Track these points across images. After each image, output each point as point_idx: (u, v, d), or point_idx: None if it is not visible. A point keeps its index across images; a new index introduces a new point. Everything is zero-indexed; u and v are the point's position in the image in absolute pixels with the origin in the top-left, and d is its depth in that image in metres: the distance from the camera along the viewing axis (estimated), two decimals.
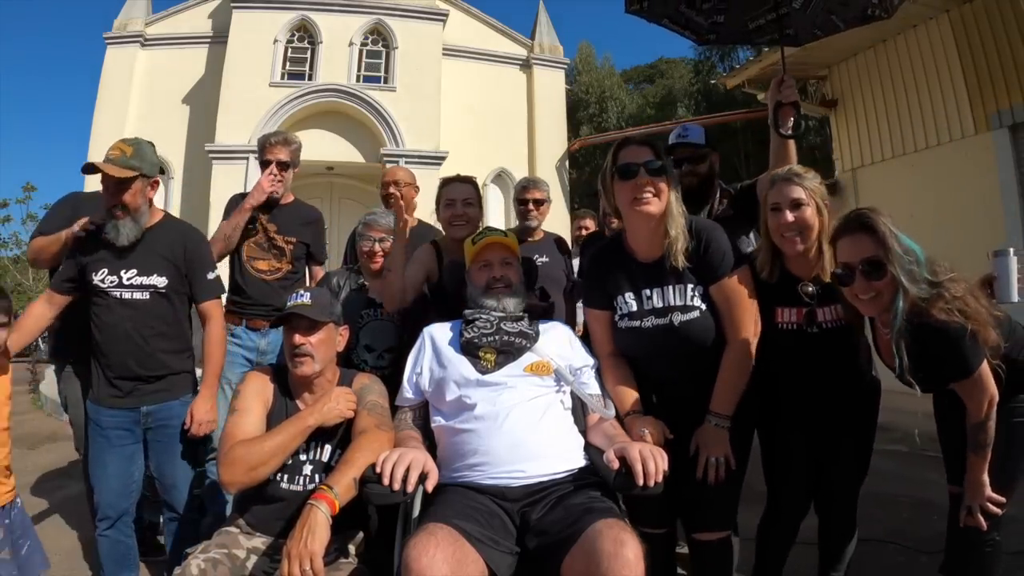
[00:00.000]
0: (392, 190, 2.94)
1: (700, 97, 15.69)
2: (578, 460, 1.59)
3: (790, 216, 1.68)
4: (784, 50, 2.15)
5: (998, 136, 4.97)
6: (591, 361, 1.80)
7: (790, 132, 2.02)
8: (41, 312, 2.09)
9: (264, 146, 2.75)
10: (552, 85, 10.91)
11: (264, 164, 2.73)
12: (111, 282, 2.04)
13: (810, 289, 1.71)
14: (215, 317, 2.20)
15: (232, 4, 9.25)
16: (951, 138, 5.30)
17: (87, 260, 2.05)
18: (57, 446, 4.96)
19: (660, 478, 1.35)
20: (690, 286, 1.70)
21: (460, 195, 2.36)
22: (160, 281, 2.07)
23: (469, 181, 2.45)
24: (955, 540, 1.84)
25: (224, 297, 2.40)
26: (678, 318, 1.69)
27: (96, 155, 9.91)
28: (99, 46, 9.62)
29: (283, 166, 2.71)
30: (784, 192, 1.70)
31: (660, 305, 1.71)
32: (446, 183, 2.46)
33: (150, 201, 2.11)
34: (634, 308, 1.74)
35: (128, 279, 2.05)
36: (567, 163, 10.80)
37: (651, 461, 1.35)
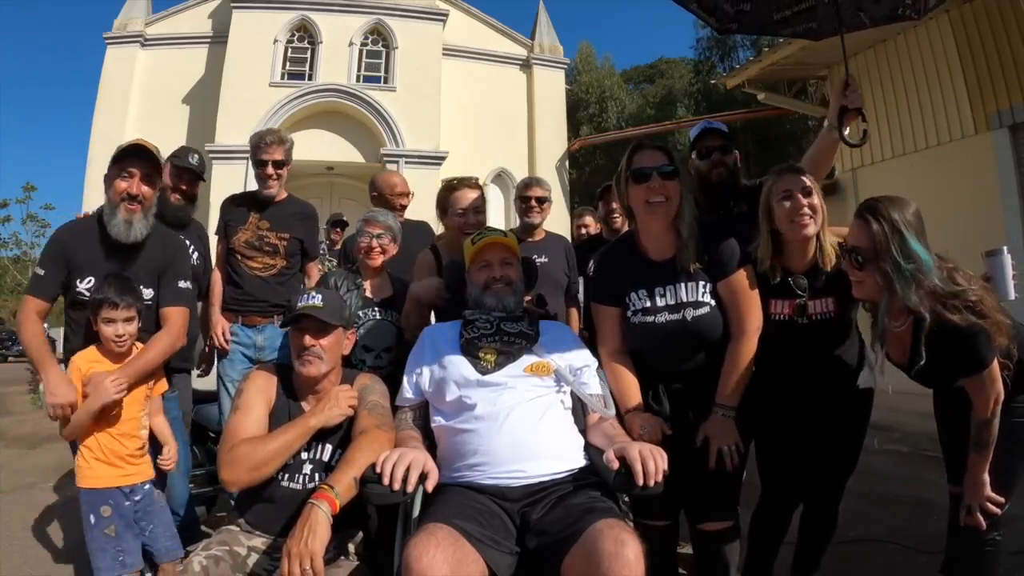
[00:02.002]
0: (404, 201, 2.97)
1: (700, 97, 15.67)
2: (578, 460, 1.59)
3: (804, 200, 1.75)
4: (846, 51, 2.05)
5: (998, 136, 4.97)
6: (591, 361, 1.80)
7: (856, 141, 2.00)
8: (40, 329, 2.00)
9: (258, 146, 2.74)
10: (552, 85, 10.91)
11: (259, 164, 2.74)
12: None
13: (802, 282, 1.78)
14: (174, 323, 2.05)
15: (232, 4, 9.26)
16: (951, 138, 5.30)
17: (73, 265, 1.98)
18: (57, 446, 4.95)
19: (660, 478, 1.35)
20: (701, 283, 1.76)
21: (471, 204, 2.36)
22: (147, 294, 2.02)
23: (476, 186, 2.44)
24: (955, 540, 1.85)
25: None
26: (690, 314, 1.75)
27: (96, 154, 9.79)
28: (99, 47, 9.63)
29: (278, 165, 2.74)
30: (795, 180, 1.77)
31: (673, 302, 1.77)
32: (452, 189, 2.43)
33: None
34: (647, 304, 1.79)
35: None
36: (567, 163, 10.80)
37: (651, 461, 1.36)
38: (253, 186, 2.84)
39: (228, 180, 8.37)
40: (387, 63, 9.70)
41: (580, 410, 1.75)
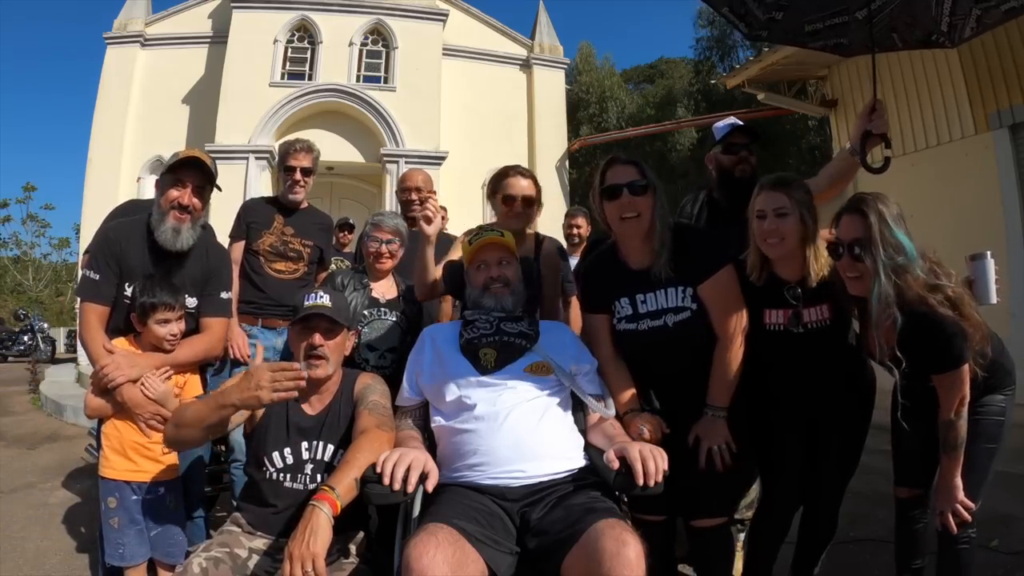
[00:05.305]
0: (413, 196, 2.96)
1: (700, 97, 15.65)
2: (578, 460, 1.59)
3: (772, 224, 1.73)
4: (876, 71, 2.02)
5: (998, 136, 4.96)
6: (591, 361, 1.80)
7: (877, 167, 1.95)
8: (107, 342, 1.94)
9: (288, 152, 2.80)
10: (552, 85, 10.90)
11: (287, 170, 2.78)
12: None
13: (796, 291, 1.78)
14: (216, 334, 2.10)
15: (232, 4, 9.25)
16: (951, 138, 5.29)
17: (124, 267, 1.98)
18: (57, 446, 4.95)
19: (660, 478, 1.36)
20: (680, 288, 1.78)
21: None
22: (191, 302, 2.05)
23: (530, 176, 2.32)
24: (905, 544, 1.94)
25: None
26: (671, 319, 1.77)
27: (96, 154, 9.75)
28: (98, 48, 9.62)
29: (306, 172, 2.80)
30: (769, 200, 1.75)
31: (654, 308, 1.79)
32: (504, 174, 2.31)
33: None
34: (630, 312, 1.82)
35: None
36: (567, 163, 10.79)
37: (651, 461, 1.36)
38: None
39: (228, 180, 8.34)
40: (387, 63, 9.69)
41: (580, 410, 1.75)
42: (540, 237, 2.38)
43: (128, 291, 1.98)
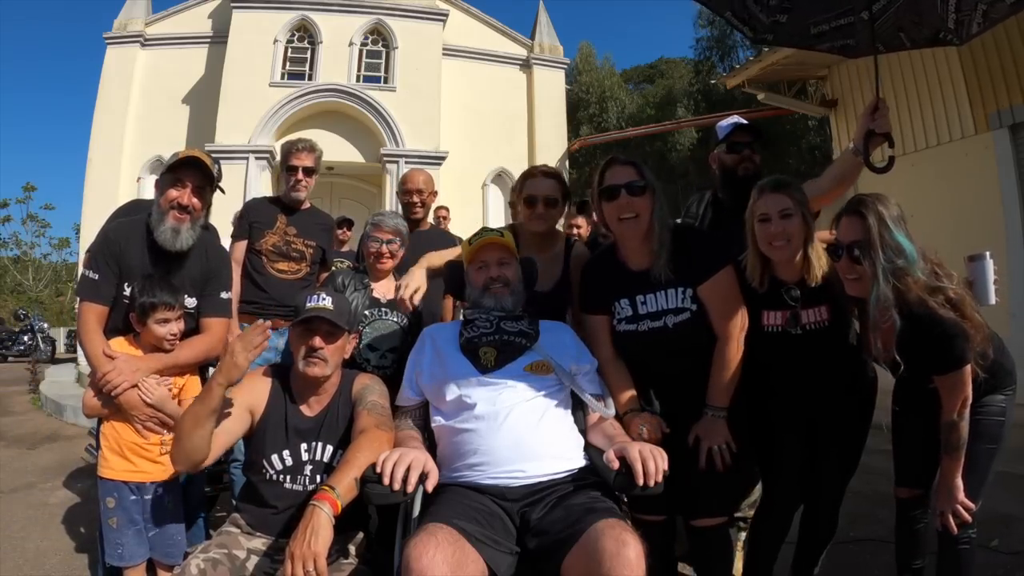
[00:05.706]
0: (415, 198, 2.95)
1: (700, 97, 15.69)
2: (578, 460, 1.60)
3: (779, 226, 1.73)
4: (878, 71, 1.96)
5: (998, 136, 4.96)
6: (591, 361, 1.81)
7: (881, 166, 1.92)
8: (105, 343, 1.93)
9: (290, 152, 2.81)
10: (552, 85, 10.89)
11: (290, 170, 2.79)
12: None
13: (795, 293, 1.78)
14: (216, 334, 2.07)
15: (232, 4, 9.25)
16: (951, 138, 5.30)
17: (124, 267, 1.98)
18: (57, 446, 4.96)
19: (660, 478, 1.36)
20: (680, 289, 1.78)
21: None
22: (190, 302, 2.05)
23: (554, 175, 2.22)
24: (905, 543, 1.95)
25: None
26: (671, 320, 1.78)
27: (96, 155, 9.71)
28: (98, 49, 9.62)
29: (309, 172, 2.80)
30: (772, 202, 1.74)
31: (654, 309, 1.80)
32: (528, 174, 2.21)
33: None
34: (630, 313, 1.83)
35: None
36: (567, 163, 10.79)
37: (651, 461, 1.36)
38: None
39: (228, 180, 8.34)
40: (387, 63, 9.69)
41: (580, 410, 1.75)
42: (571, 239, 2.36)
43: (127, 291, 1.98)
